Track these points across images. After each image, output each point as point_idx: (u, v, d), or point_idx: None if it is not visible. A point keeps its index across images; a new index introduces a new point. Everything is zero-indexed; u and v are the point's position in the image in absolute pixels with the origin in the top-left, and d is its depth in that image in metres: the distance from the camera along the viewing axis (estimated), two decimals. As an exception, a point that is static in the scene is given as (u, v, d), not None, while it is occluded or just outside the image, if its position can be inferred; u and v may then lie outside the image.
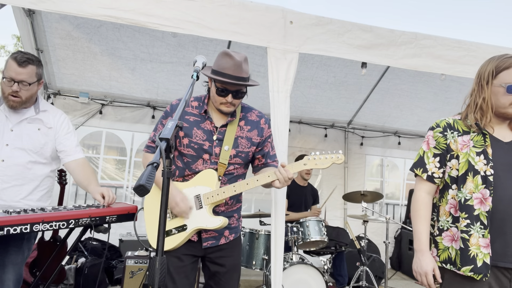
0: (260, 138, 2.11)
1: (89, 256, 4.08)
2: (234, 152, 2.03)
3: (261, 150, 2.14)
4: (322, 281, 3.40)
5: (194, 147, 1.99)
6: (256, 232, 3.66)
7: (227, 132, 2.03)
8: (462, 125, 1.80)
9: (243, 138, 2.06)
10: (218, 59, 1.99)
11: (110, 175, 5.34)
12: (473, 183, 1.69)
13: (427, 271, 1.73)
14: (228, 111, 2.00)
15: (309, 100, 5.26)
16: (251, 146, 2.08)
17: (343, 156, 1.98)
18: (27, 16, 3.51)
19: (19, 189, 2.16)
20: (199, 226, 1.96)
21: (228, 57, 1.94)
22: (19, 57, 2.11)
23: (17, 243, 2.18)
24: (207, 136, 2.01)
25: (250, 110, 2.16)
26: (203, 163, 2.00)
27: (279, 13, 2.88)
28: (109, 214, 2.14)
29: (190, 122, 2.02)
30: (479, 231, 1.66)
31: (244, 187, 1.96)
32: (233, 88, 1.95)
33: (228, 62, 1.93)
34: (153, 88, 4.89)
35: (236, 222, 2.14)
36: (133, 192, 5.08)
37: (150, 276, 1.31)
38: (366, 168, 6.19)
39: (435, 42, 3.19)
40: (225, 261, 2.06)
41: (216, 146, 2.01)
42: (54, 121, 2.30)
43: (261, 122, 2.13)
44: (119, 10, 2.61)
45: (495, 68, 1.73)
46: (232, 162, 2.03)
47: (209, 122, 2.03)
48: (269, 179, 1.94)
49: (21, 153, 2.17)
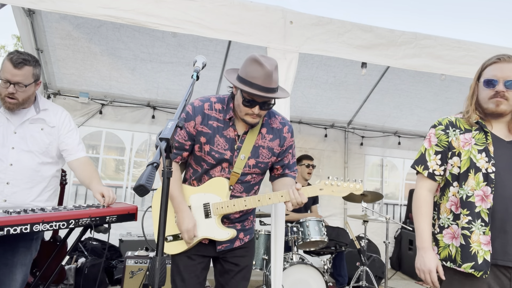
0: (281, 148, 2.00)
1: (89, 256, 4.08)
2: (254, 162, 1.94)
3: (281, 160, 2.04)
4: (322, 281, 3.40)
5: (215, 156, 1.91)
6: (256, 232, 3.66)
7: (246, 140, 1.92)
8: (464, 123, 1.82)
9: (264, 148, 1.96)
10: (246, 66, 1.81)
11: (110, 175, 5.34)
12: (474, 180, 1.70)
13: (430, 269, 1.73)
14: (253, 123, 1.87)
15: (309, 100, 5.26)
16: (271, 156, 1.99)
17: (362, 187, 1.87)
18: (27, 16, 3.51)
19: (29, 191, 2.15)
20: (206, 236, 1.92)
21: (258, 64, 1.76)
22: (14, 58, 2.03)
23: (27, 243, 2.17)
24: (229, 145, 1.92)
25: (274, 115, 2.03)
26: (221, 170, 1.94)
27: (279, 13, 2.88)
28: (109, 214, 2.14)
29: (213, 128, 1.91)
30: (480, 228, 1.67)
31: (256, 203, 1.88)
32: (261, 99, 1.80)
33: (258, 71, 1.75)
34: (153, 88, 4.89)
35: (250, 223, 2.10)
36: (133, 192, 5.08)
37: (150, 276, 1.31)
38: (366, 168, 6.19)
39: (435, 42, 3.19)
40: (239, 261, 2.02)
41: (237, 155, 1.92)
42: (56, 119, 2.27)
43: (284, 130, 2.01)
44: (119, 10, 2.61)
45: (482, 66, 1.79)
46: (250, 172, 1.95)
47: (232, 130, 1.92)
48: (282, 199, 1.86)
49: (29, 155, 2.15)
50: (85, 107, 4.93)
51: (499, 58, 1.73)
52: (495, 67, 1.73)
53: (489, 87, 1.73)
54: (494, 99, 1.72)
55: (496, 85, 1.71)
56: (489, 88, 1.73)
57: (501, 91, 1.70)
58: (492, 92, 1.72)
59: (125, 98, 5.04)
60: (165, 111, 5.16)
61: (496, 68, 1.72)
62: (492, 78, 1.72)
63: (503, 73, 1.70)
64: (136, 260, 3.49)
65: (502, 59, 1.72)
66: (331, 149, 5.98)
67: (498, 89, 1.70)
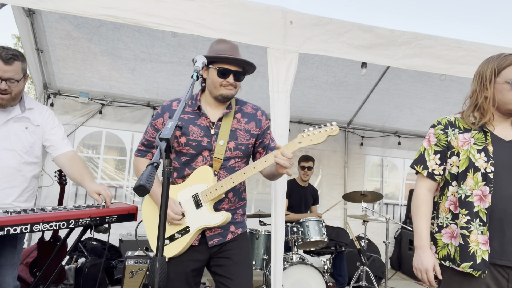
0: (259, 130, 2.07)
1: (89, 256, 4.08)
2: (234, 145, 1.99)
3: (261, 142, 2.09)
4: (322, 281, 3.40)
5: (192, 144, 1.96)
6: (256, 232, 3.66)
7: (222, 126, 1.99)
8: (463, 123, 1.81)
9: (241, 130, 2.02)
10: (212, 46, 2.02)
11: (110, 175, 5.34)
12: (473, 180, 1.70)
13: (427, 268, 1.73)
14: (229, 94, 1.96)
15: (309, 100, 5.26)
16: (250, 138, 2.04)
17: (337, 127, 1.87)
18: (27, 16, 3.51)
19: (10, 191, 2.13)
20: (202, 225, 1.92)
21: (223, 42, 2.01)
22: (3, 54, 2.03)
23: (12, 243, 2.16)
24: (205, 132, 1.97)
25: (245, 103, 2.13)
26: (203, 160, 1.97)
27: (279, 13, 2.88)
28: (109, 214, 2.14)
29: (185, 120, 1.99)
30: (478, 228, 1.67)
31: (242, 176, 1.89)
32: (234, 68, 1.94)
33: (224, 45, 1.98)
34: (153, 88, 4.89)
35: (241, 217, 2.08)
36: (133, 192, 5.08)
37: (150, 276, 1.31)
38: (366, 168, 6.19)
39: (435, 42, 3.19)
40: (232, 254, 1.98)
41: (214, 141, 1.97)
42: (40, 118, 2.26)
43: (258, 114, 2.10)
44: (119, 9, 2.61)
45: (497, 66, 1.75)
46: (232, 155, 1.99)
47: (204, 118, 1.99)
48: (265, 164, 1.87)
49: (11, 154, 2.13)
50: (85, 107, 4.93)
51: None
52: None
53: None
54: None
55: None
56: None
57: None
58: None
59: (125, 98, 5.04)
60: (165, 111, 5.16)
61: None
62: None
63: None
64: (136, 260, 3.49)
65: None
66: (331, 149, 5.98)
67: None
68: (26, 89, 12.01)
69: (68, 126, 4.84)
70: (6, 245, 2.14)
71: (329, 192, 5.90)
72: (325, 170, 5.96)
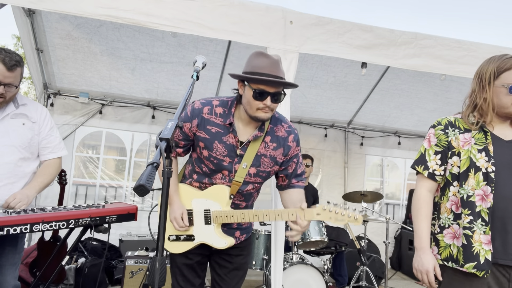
0: (284, 158, 1.92)
1: (89, 256, 4.08)
2: (255, 171, 1.89)
3: (285, 169, 1.96)
4: (322, 281, 3.40)
5: (213, 161, 1.87)
6: (256, 232, 3.66)
7: (249, 148, 1.85)
8: (463, 123, 1.81)
9: (266, 157, 1.89)
10: (251, 60, 1.79)
11: (110, 175, 5.34)
12: (474, 180, 1.70)
13: (428, 269, 1.73)
14: (266, 118, 1.79)
15: (309, 100, 5.26)
16: (274, 165, 1.92)
17: (361, 218, 1.79)
18: (27, 16, 3.51)
19: (11, 187, 2.14)
20: (205, 242, 1.93)
21: (264, 56, 1.77)
22: (7, 59, 2.04)
23: (13, 242, 2.17)
24: (228, 152, 1.85)
25: (280, 122, 1.94)
26: (222, 178, 1.90)
27: (279, 13, 2.88)
28: (109, 214, 2.14)
29: (211, 134, 1.85)
30: (481, 227, 1.67)
31: (253, 218, 1.86)
32: (272, 89, 1.73)
33: (264, 61, 1.75)
34: (153, 88, 4.89)
35: (248, 223, 2.08)
36: (133, 192, 5.07)
37: (150, 276, 1.31)
38: (366, 168, 6.19)
39: (435, 42, 3.19)
40: (233, 259, 2.02)
41: (237, 163, 1.86)
42: (37, 115, 2.27)
43: (289, 139, 1.92)
44: (119, 10, 2.61)
45: (497, 69, 1.74)
46: (251, 181, 1.91)
47: (233, 136, 1.84)
48: (278, 217, 1.83)
49: (11, 150, 2.14)
50: (85, 107, 4.93)
51: None
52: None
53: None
54: None
55: None
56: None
57: None
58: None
59: (125, 98, 5.04)
60: (165, 111, 5.17)
61: None
62: None
63: None
64: (136, 260, 3.49)
65: None
66: (331, 149, 5.98)
67: None
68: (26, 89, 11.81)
69: (68, 126, 4.84)
70: (7, 244, 2.14)
71: (329, 192, 5.89)
72: (325, 170, 5.96)
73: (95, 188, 5.19)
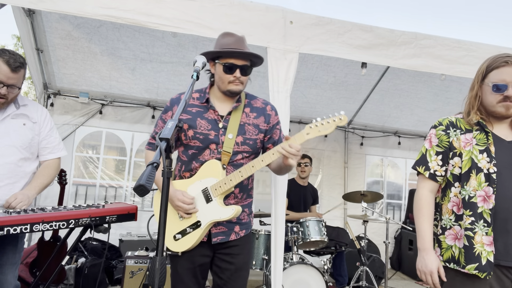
0: (267, 125, 2.05)
1: (89, 256, 4.08)
2: (242, 139, 1.98)
3: (270, 138, 2.07)
4: (322, 281, 3.40)
5: (199, 137, 1.95)
6: (256, 232, 3.66)
7: (231, 120, 1.98)
8: (465, 123, 1.81)
9: (250, 124, 2.01)
10: (218, 40, 2.01)
11: (110, 175, 5.34)
12: (476, 181, 1.70)
13: (432, 270, 1.72)
14: (237, 90, 1.95)
15: (309, 100, 5.26)
16: (258, 133, 2.03)
17: (345, 116, 1.81)
18: (27, 16, 3.51)
19: (12, 187, 2.15)
20: (213, 219, 1.91)
21: (229, 35, 1.98)
22: (11, 61, 2.05)
23: (13, 242, 2.18)
24: (212, 126, 1.96)
25: (255, 97, 2.13)
26: (210, 153, 1.96)
27: (279, 13, 2.88)
28: (109, 214, 2.14)
29: (193, 114, 1.98)
30: (483, 228, 1.66)
31: (250, 170, 1.88)
32: (240, 62, 1.92)
33: (230, 39, 1.95)
34: (153, 88, 4.89)
35: (247, 217, 2.09)
36: (133, 192, 5.08)
37: (150, 276, 1.31)
38: (366, 168, 6.19)
39: (435, 42, 3.19)
40: (235, 259, 2.01)
41: (222, 134, 1.96)
42: (37, 116, 2.29)
43: (267, 108, 2.08)
44: (119, 10, 2.61)
45: (487, 67, 1.77)
46: (240, 150, 1.98)
47: (212, 111, 1.98)
48: (273, 156, 1.86)
49: (11, 150, 2.15)
50: (85, 107, 4.93)
51: (507, 61, 1.70)
52: (504, 71, 1.70)
53: (498, 92, 1.71)
54: (504, 103, 1.71)
55: (505, 90, 1.69)
56: (498, 93, 1.71)
57: (511, 96, 1.69)
58: (500, 96, 1.71)
59: (125, 98, 5.04)
60: (165, 111, 5.16)
61: (504, 72, 1.70)
62: (502, 83, 1.70)
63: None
64: (136, 260, 3.49)
65: (510, 62, 1.70)
66: (331, 149, 5.98)
67: (508, 94, 1.69)
68: (26, 89, 11.78)
69: (68, 126, 4.84)
70: (7, 244, 2.15)
71: (329, 192, 5.90)
72: (325, 170, 5.96)
73: (95, 188, 5.19)
